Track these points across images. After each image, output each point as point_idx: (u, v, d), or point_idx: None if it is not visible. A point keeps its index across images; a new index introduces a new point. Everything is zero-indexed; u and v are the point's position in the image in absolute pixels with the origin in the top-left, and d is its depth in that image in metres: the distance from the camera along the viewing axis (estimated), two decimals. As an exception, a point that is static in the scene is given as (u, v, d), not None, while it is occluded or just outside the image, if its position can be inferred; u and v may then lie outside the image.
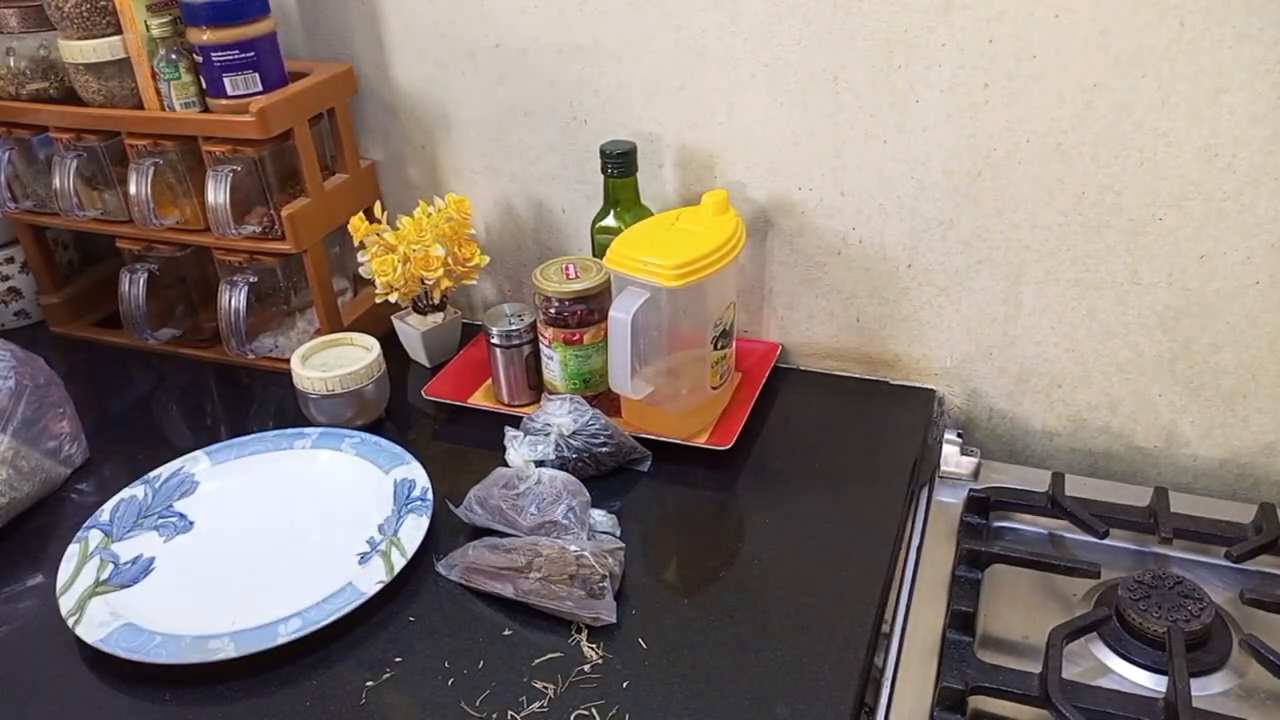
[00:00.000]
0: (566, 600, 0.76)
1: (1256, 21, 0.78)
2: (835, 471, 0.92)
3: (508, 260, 1.18)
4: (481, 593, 0.80)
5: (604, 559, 0.77)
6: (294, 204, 1.04)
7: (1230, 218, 0.86)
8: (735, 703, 0.70)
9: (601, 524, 0.84)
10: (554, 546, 0.78)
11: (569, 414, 0.91)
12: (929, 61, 0.89)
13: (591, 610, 0.75)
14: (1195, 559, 0.86)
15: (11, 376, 0.90)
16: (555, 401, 0.93)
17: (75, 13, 0.98)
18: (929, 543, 0.89)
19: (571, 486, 0.85)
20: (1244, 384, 0.92)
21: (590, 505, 0.84)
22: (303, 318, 1.14)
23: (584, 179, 1.09)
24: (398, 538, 0.84)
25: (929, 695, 0.74)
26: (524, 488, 0.84)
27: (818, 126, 0.96)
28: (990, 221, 0.94)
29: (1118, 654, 0.77)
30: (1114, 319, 0.94)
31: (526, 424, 0.93)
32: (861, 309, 1.04)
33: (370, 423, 1.01)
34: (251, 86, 0.99)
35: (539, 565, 0.77)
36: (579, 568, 0.76)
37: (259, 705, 0.72)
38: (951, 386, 1.04)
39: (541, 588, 0.76)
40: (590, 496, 0.85)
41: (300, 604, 0.78)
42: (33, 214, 1.15)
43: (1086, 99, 0.86)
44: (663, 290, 0.86)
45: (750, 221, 1.03)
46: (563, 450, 0.90)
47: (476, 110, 1.10)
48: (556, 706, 0.70)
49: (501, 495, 0.84)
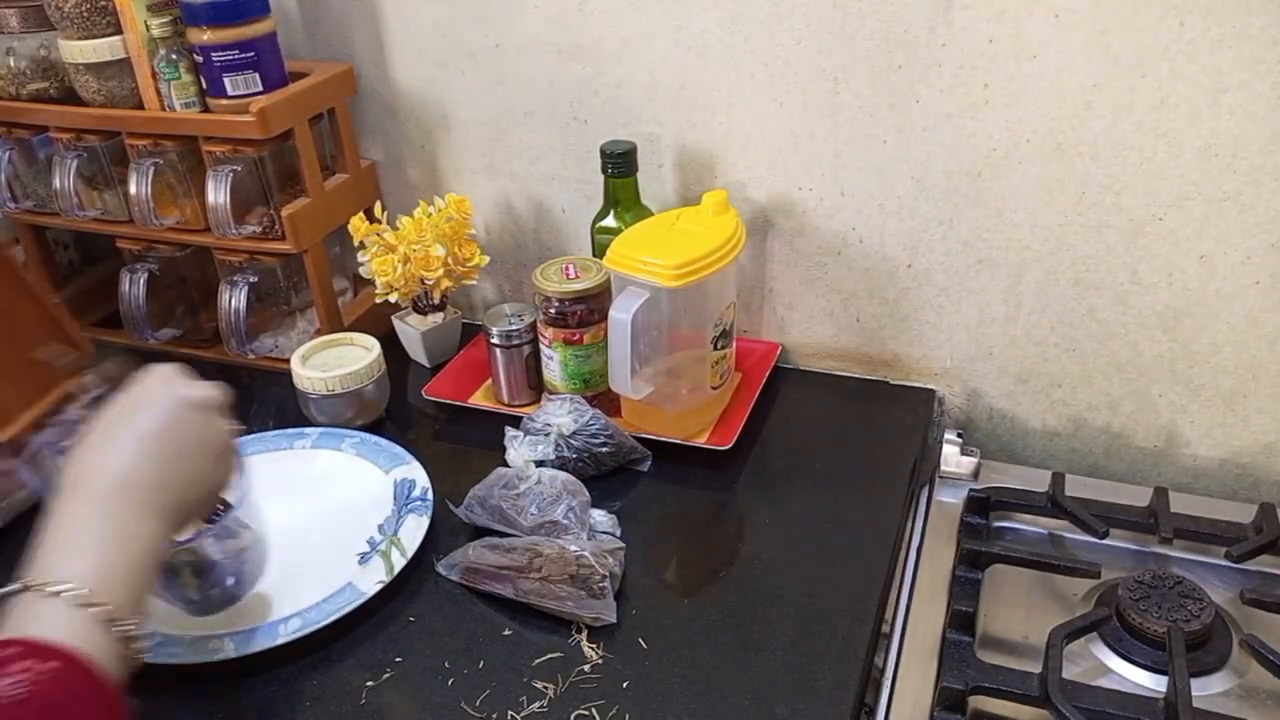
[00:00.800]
0: (567, 600, 0.76)
1: (1256, 21, 0.78)
2: (835, 471, 0.92)
3: (508, 260, 1.19)
4: (481, 593, 0.80)
5: (604, 559, 0.77)
6: (294, 204, 1.04)
7: (1230, 218, 0.86)
8: (735, 703, 0.70)
9: (601, 524, 0.84)
10: (554, 546, 0.78)
11: (569, 414, 0.91)
12: (929, 61, 0.89)
13: (592, 610, 0.75)
14: (1195, 559, 0.86)
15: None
16: (555, 401, 0.93)
17: (75, 13, 0.98)
18: (929, 543, 0.89)
19: (571, 486, 0.85)
20: (1244, 384, 0.92)
21: (590, 505, 0.84)
22: (303, 318, 1.14)
23: (584, 179, 1.09)
24: (398, 538, 0.84)
25: (929, 695, 0.74)
26: (524, 488, 0.84)
27: (818, 126, 0.96)
28: (990, 221, 0.94)
29: (1118, 654, 0.77)
30: (1114, 319, 0.94)
31: (526, 424, 0.93)
32: (861, 309, 1.04)
33: (370, 423, 1.01)
34: (252, 86, 0.99)
35: (539, 565, 0.77)
36: (579, 568, 0.76)
37: (259, 705, 0.72)
38: (951, 386, 1.04)
39: (541, 587, 0.76)
40: (590, 496, 0.85)
41: (300, 604, 0.78)
42: (33, 214, 1.15)
43: (1086, 99, 0.86)
44: (663, 290, 0.86)
45: (750, 221, 1.03)
46: (563, 450, 0.90)
47: (476, 110, 1.10)
48: (556, 706, 0.70)
49: (502, 495, 0.84)
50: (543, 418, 0.92)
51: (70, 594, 0.50)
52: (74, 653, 0.49)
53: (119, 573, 0.53)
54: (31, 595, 0.50)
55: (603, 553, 0.77)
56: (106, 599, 0.51)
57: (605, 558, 0.77)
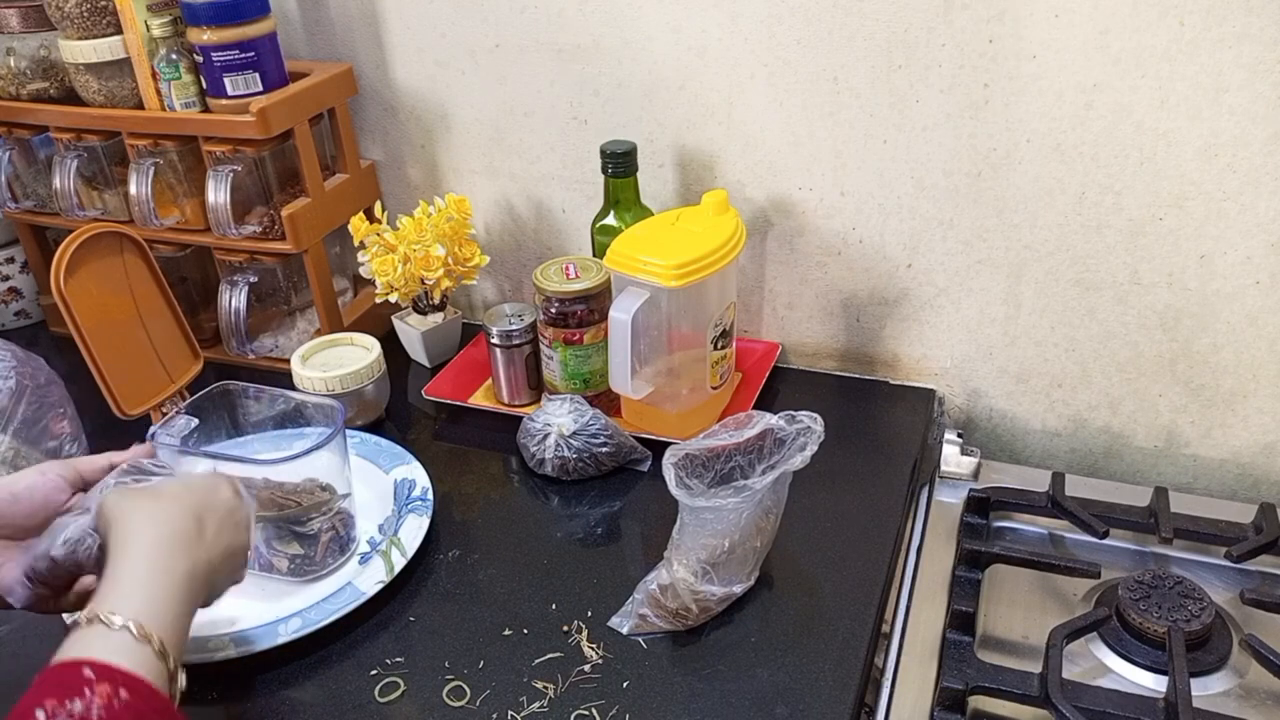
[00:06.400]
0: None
1: (1256, 21, 0.78)
2: (835, 472, 0.92)
3: (508, 260, 1.19)
4: (481, 592, 0.80)
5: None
6: (294, 204, 1.04)
7: (1230, 218, 0.86)
8: (735, 702, 0.70)
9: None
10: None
11: (569, 414, 0.91)
12: (929, 61, 0.89)
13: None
14: (1195, 559, 0.86)
15: (12, 376, 0.90)
16: (555, 401, 0.93)
17: (76, 13, 0.98)
18: (929, 543, 0.89)
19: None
20: (1244, 384, 0.92)
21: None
22: (303, 318, 1.14)
23: (584, 179, 1.09)
24: (398, 538, 0.84)
25: (929, 695, 0.74)
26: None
27: (818, 126, 0.96)
28: (990, 221, 0.94)
29: (1118, 654, 0.77)
30: (1114, 319, 0.94)
31: (526, 424, 0.93)
32: (861, 309, 1.04)
33: (370, 423, 1.01)
34: (252, 86, 0.99)
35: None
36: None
37: (259, 705, 0.72)
38: (951, 386, 1.04)
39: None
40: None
41: (300, 604, 0.78)
42: (33, 214, 1.15)
43: (1086, 99, 0.86)
44: (663, 290, 0.86)
45: (750, 221, 1.03)
46: (562, 450, 0.90)
47: (476, 110, 1.10)
48: (556, 706, 0.70)
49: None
50: (543, 418, 0.92)
51: (130, 626, 0.54)
52: (145, 679, 0.53)
53: (168, 616, 0.57)
54: (97, 626, 0.54)
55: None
56: (159, 635, 0.55)
57: None
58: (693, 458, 0.78)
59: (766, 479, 0.73)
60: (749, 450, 0.79)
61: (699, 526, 0.74)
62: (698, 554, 0.74)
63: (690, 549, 0.74)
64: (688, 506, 0.73)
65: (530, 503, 0.92)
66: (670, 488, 0.73)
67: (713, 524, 0.73)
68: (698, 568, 0.74)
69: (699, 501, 0.72)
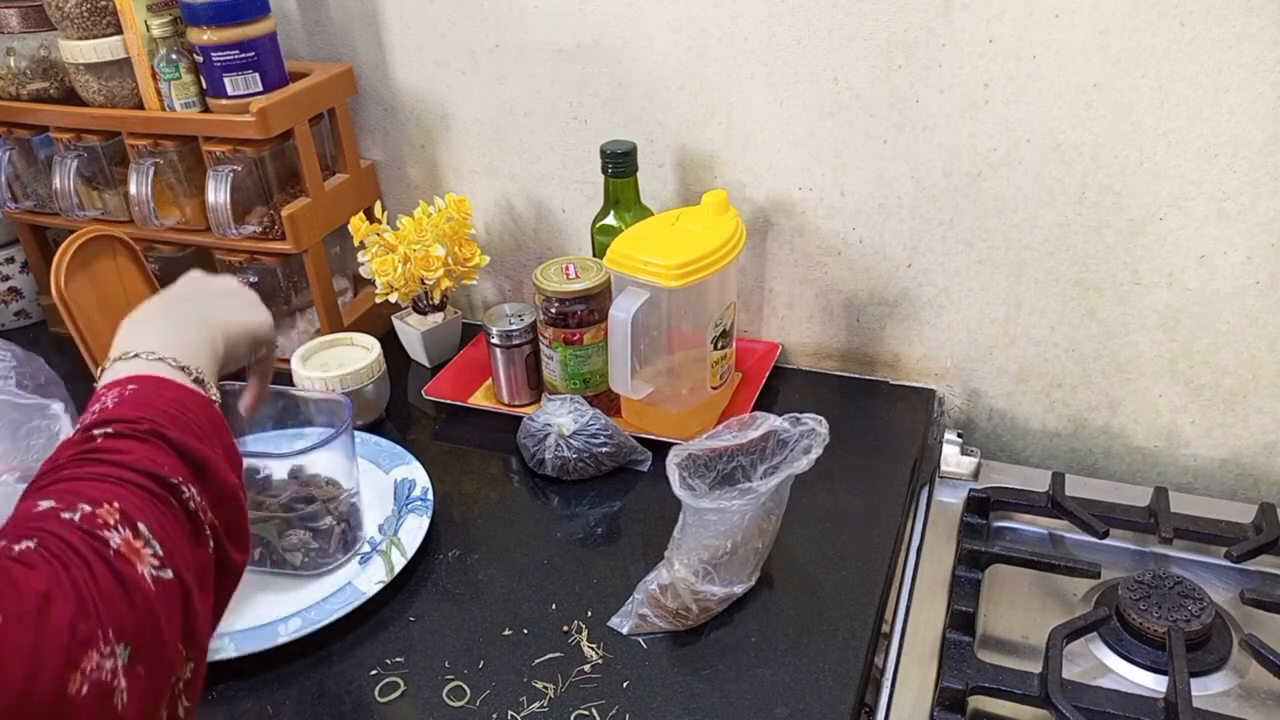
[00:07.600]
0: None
1: (1256, 21, 0.78)
2: (835, 471, 0.92)
3: (508, 260, 1.19)
4: (481, 592, 0.80)
5: None
6: (294, 204, 1.04)
7: (1230, 218, 0.86)
8: (735, 703, 0.70)
9: None
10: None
11: (569, 414, 0.91)
12: (929, 61, 0.89)
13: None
14: (1195, 559, 0.86)
15: (11, 376, 0.90)
16: (555, 401, 0.93)
17: (76, 13, 0.98)
18: (929, 543, 0.89)
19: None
20: (1244, 384, 0.92)
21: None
22: (303, 318, 1.14)
23: (584, 179, 1.09)
24: (398, 538, 0.84)
25: (929, 695, 0.74)
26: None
27: (818, 126, 0.96)
28: (990, 221, 0.94)
29: (1118, 654, 0.77)
30: (1114, 319, 0.94)
31: (526, 424, 0.93)
32: (861, 309, 1.04)
33: (370, 423, 1.01)
34: (252, 86, 0.99)
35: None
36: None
37: (259, 705, 0.72)
38: (951, 386, 1.04)
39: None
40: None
41: (300, 604, 0.78)
42: (33, 214, 1.15)
43: (1086, 99, 0.86)
44: (663, 290, 0.86)
45: (750, 221, 1.03)
46: (562, 450, 0.90)
47: (476, 110, 1.10)
48: (556, 706, 0.70)
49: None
50: (543, 418, 0.92)
51: (138, 354, 0.56)
52: (155, 374, 0.55)
53: (178, 344, 0.58)
54: (118, 364, 0.56)
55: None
56: (172, 355, 0.56)
57: None
58: (695, 458, 0.78)
59: (771, 481, 0.73)
60: (751, 451, 0.79)
61: (701, 527, 0.73)
62: (699, 554, 0.74)
63: (692, 549, 0.74)
64: (691, 507, 0.73)
65: (530, 503, 0.92)
66: (674, 488, 0.73)
67: (715, 525, 0.73)
68: (699, 568, 0.74)
69: (702, 502, 0.72)
